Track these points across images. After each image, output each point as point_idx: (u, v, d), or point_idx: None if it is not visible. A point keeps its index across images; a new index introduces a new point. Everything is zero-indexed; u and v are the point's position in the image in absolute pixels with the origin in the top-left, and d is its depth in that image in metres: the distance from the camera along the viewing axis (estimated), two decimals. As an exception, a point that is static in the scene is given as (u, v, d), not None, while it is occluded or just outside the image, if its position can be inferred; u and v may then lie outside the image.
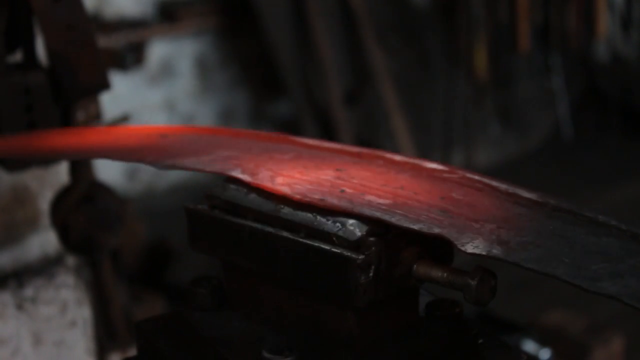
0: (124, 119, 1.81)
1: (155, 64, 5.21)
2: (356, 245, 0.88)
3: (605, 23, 5.48)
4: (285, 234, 0.93)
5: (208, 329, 0.98)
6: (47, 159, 1.47)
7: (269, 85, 5.50)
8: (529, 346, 3.19)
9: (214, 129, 1.20)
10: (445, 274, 0.88)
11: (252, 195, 0.98)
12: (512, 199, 0.91)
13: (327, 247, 0.89)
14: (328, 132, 4.98)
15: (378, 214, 0.90)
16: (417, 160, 1.00)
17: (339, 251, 0.88)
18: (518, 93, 5.93)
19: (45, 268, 2.02)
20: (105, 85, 1.64)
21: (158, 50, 5.16)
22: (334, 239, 0.89)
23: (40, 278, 2.01)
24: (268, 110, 5.68)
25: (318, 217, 0.92)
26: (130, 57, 4.53)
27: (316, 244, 0.90)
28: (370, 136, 5.28)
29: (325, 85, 4.98)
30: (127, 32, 4.72)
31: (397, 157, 1.01)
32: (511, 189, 0.92)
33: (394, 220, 0.89)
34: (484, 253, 0.84)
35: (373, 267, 0.87)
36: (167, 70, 5.30)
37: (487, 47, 5.24)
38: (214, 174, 1.03)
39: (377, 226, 0.89)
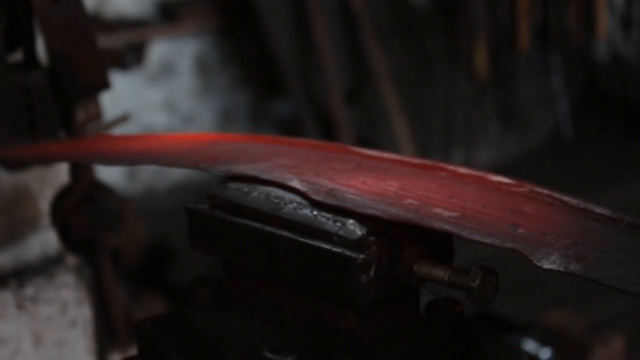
0: (124, 118, 1.80)
1: (156, 64, 5.21)
2: (357, 244, 0.88)
3: (606, 23, 5.48)
4: (285, 233, 0.93)
5: (208, 329, 0.98)
6: (93, 164, 1.42)
7: (269, 85, 5.50)
8: (530, 346, 3.19)
9: (269, 138, 1.15)
10: (446, 274, 0.88)
11: (253, 195, 0.98)
12: (584, 214, 0.88)
13: (327, 246, 0.89)
14: (328, 132, 4.98)
15: (447, 227, 0.87)
16: (482, 173, 0.96)
17: (339, 251, 0.88)
18: (518, 93, 5.92)
19: (45, 268, 2.02)
20: (105, 85, 1.64)
21: (158, 50, 5.15)
22: (335, 238, 0.89)
23: (40, 278, 2.01)
24: (268, 110, 5.68)
25: (318, 217, 0.92)
26: (131, 57, 4.53)
27: (317, 244, 0.90)
28: (371, 136, 5.28)
29: (325, 85, 4.99)
30: (127, 32, 4.72)
31: (461, 170, 0.97)
32: (583, 204, 0.89)
33: (464, 233, 0.86)
34: (561, 269, 0.81)
35: (374, 266, 0.87)
36: (167, 70, 5.30)
37: (487, 46, 5.24)
38: (272, 182, 0.98)
39: (377, 225, 0.89)
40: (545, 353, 3.19)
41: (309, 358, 0.90)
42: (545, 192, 0.92)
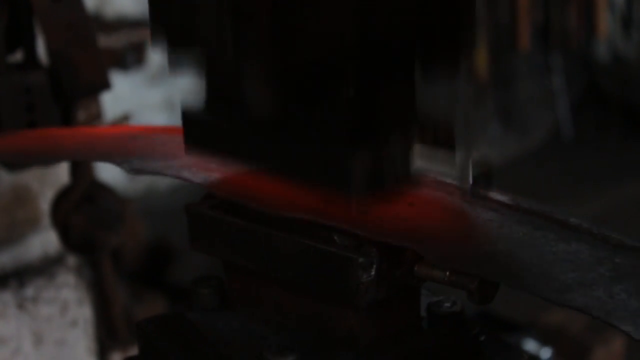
0: (124, 118, 1.81)
1: (156, 64, 5.21)
2: (357, 244, 0.88)
3: (606, 22, 5.48)
4: (285, 233, 0.93)
5: (209, 329, 0.98)
6: (19, 163, 1.41)
7: (269, 84, 5.50)
8: (530, 345, 3.19)
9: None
10: (446, 273, 0.88)
11: (253, 195, 0.98)
12: (482, 203, 0.87)
13: (328, 247, 0.89)
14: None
15: (346, 225, 0.87)
16: None
17: (340, 251, 0.88)
18: (518, 93, 5.93)
19: (46, 268, 2.02)
20: (105, 85, 1.64)
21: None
22: (335, 238, 0.89)
23: (41, 278, 2.01)
24: (268, 109, 5.68)
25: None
26: (131, 57, 4.53)
27: (317, 244, 0.90)
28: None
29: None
30: (127, 32, 4.72)
31: None
32: (482, 191, 0.89)
33: (361, 232, 0.86)
34: (453, 268, 0.82)
35: (374, 266, 0.87)
36: (167, 70, 5.30)
37: (488, 46, 5.24)
38: (184, 181, 1.01)
39: (378, 226, 0.89)
40: (545, 353, 3.19)
41: (309, 358, 0.90)
42: (447, 181, 0.91)
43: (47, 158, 1.31)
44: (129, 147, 1.12)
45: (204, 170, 1.01)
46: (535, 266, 0.79)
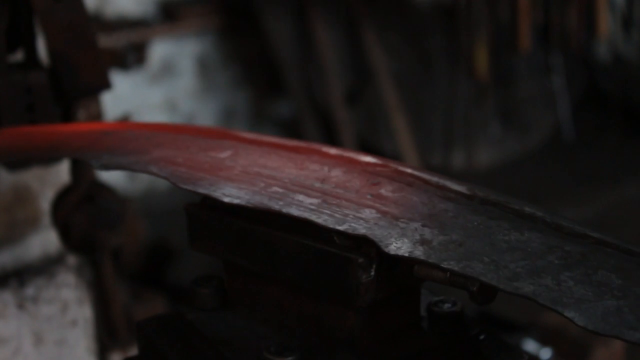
0: (125, 118, 1.81)
1: (156, 64, 5.21)
2: (357, 244, 0.88)
3: (606, 23, 5.48)
4: (285, 233, 0.93)
5: (209, 329, 0.98)
6: None
7: (269, 85, 5.50)
8: (530, 346, 3.19)
9: (156, 125, 1.19)
10: (447, 274, 0.88)
11: (254, 195, 0.98)
12: (440, 192, 0.90)
13: (328, 247, 0.89)
14: (329, 132, 4.97)
15: (306, 215, 0.90)
16: (352, 154, 0.99)
17: (340, 251, 0.88)
18: (519, 93, 5.92)
19: (46, 267, 2.02)
20: (106, 85, 1.64)
21: (159, 49, 5.15)
22: (335, 238, 0.89)
23: (41, 277, 2.01)
24: (269, 110, 5.68)
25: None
26: (131, 57, 4.53)
27: (317, 244, 0.90)
28: (371, 136, 5.28)
29: (326, 85, 4.98)
30: (128, 32, 4.72)
31: (332, 151, 1.00)
32: (441, 181, 0.91)
33: (320, 221, 0.89)
34: (406, 255, 0.84)
35: (374, 266, 0.87)
36: (168, 70, 5.30)
37: (488, 46, 5.23)
38: (151, 175, 1.04)
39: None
40: (545, 353, 3.19)
41: (309, 358, 0.90)
42: (408, 171, 0.94)
43: (21, 155, 1.34)
44: (101, 142, 1.15)
45: (171, 165, 1.03)
46: (487, 255, 0.81)
